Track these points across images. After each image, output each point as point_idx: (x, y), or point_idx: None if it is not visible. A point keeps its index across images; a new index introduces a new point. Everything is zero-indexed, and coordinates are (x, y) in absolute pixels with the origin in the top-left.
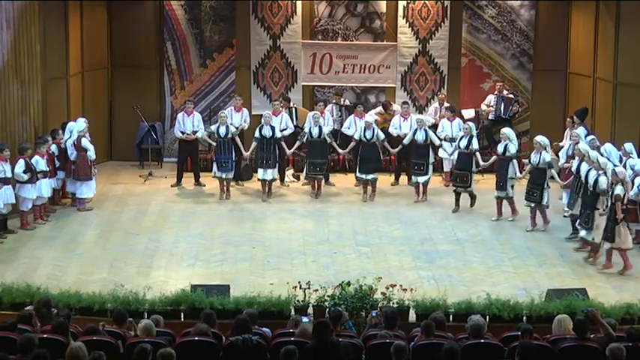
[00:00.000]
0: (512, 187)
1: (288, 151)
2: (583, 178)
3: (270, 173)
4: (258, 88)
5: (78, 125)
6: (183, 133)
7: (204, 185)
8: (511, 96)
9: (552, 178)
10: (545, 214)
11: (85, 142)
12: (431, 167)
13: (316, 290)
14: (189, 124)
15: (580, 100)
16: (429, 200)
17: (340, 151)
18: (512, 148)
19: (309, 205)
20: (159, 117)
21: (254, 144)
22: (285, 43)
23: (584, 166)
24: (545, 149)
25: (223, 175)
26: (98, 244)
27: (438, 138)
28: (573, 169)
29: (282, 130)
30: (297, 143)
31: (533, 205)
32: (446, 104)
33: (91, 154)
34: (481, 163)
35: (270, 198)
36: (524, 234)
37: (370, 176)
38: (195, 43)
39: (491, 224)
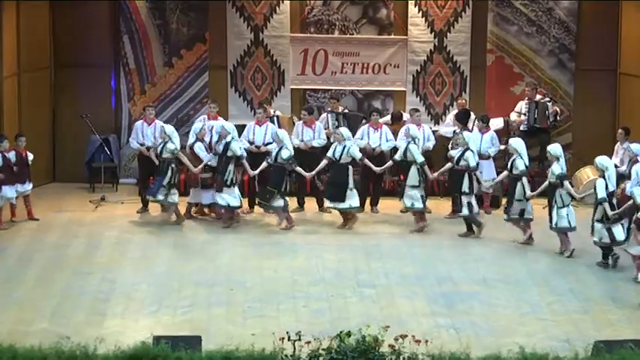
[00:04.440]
0: (524, 210)
1: (251, 173)
2: None
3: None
4: (237, 93)
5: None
6: (142, 145)
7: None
8: (546, 99)
9: (569, 194)
10: (566, 238)
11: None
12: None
13: (308, 342)
14: (150, 134)
15: (633, 105)
16: (448, 231)
17: (306, 174)
18: (521, 164)
19: (300, 237)
20: (113, 128)
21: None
22: (269, 37)
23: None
24: (558, 160)
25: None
26: (38, 285)
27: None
28: (628, 191)
29: (266, 144)
30: (263, 165)
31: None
32: (460, 110)
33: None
34: (483, 183)
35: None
36: (565, 272)
37: (340, 205)
38: (159, 37)
39: (524, 260)
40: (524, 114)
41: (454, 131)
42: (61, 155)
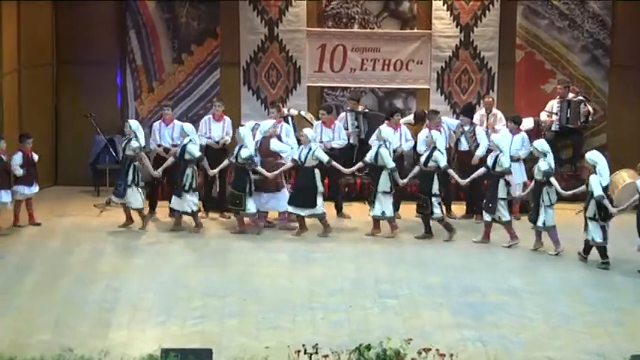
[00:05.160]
0: (511, 208)
1: (211, 172)
2: None
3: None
4: (250, 91)
5: (263, 126)
6: (160, 146)
7: (181, 217)
8: (580, 98)
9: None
10: (554, 236)
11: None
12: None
13: (326, 356)
14: (168, 135)
15: None
16: (473, 238)
17: (267, 174)
18: (505, 162)
19: (317, 244)
20: (119, 128)
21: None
22: (284, 31)
23: None
24: (545, 156)
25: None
26: (40, 294)
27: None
28: None
29: None
30: (224, 163)
31: (533, 225)
32: (495, 111)
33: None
34: (460, 181)
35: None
36: (597, 281)
37: (305, 212)
38: (167, 31)
39: (555, 269)
40: (556, 113)
41: (458, 124)
42: (63, 156)
